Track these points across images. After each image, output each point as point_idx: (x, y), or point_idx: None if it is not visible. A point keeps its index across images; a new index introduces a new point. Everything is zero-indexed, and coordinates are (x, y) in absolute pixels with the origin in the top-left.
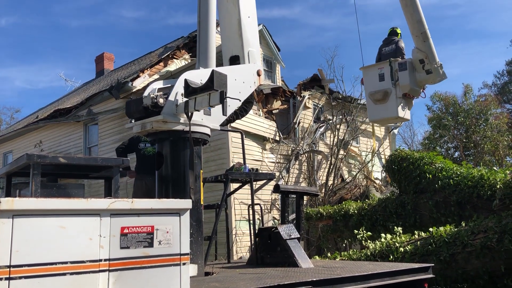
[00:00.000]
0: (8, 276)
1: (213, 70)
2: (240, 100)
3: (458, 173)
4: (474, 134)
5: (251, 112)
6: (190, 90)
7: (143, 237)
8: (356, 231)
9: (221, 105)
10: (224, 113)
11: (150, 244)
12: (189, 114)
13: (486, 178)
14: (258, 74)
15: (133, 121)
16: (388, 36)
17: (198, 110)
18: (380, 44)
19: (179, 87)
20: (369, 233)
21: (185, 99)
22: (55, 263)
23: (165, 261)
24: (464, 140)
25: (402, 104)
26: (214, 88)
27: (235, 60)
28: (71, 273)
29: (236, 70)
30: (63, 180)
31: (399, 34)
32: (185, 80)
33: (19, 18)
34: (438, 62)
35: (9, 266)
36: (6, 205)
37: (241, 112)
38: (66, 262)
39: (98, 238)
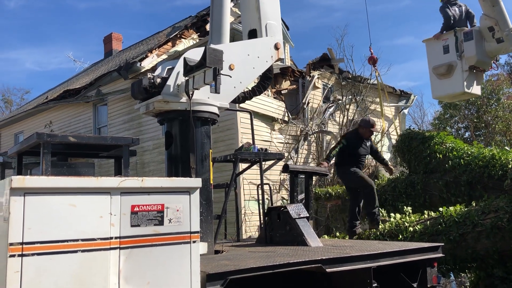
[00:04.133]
0: (21, 253)
1: (206, 47)
2: (230, 76)
3: (469, 152)
4: (486, 114)
5: None
6: (188, 68)
7: (153, 215)
8: None
9: (227, 82)
10: (217, 90)
11: (161, 222)
12: (189, 93)
13: (497, 158)
14: (276, 48)
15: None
16: None
17: (197, 89)
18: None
19: (180, 67)
20: None
21: (185, 78)
22: (67, 241)
23: (175, 239)
24: (475, 120)
25: (469, 78)
26: (207, 65)
27: (253, 34)
28: (83, 251)
29: (249, 45)
30: (73, 160)
31: None
32: (184, 59)
33: (27, 0)
34: (511, 29)
35: (22, 243)
36: (17, 183)
37: (259, 88)
38: (77, 240)
39: (108, 216)
